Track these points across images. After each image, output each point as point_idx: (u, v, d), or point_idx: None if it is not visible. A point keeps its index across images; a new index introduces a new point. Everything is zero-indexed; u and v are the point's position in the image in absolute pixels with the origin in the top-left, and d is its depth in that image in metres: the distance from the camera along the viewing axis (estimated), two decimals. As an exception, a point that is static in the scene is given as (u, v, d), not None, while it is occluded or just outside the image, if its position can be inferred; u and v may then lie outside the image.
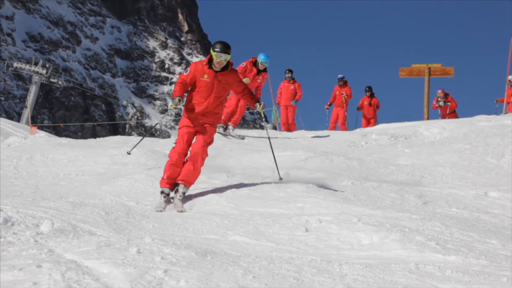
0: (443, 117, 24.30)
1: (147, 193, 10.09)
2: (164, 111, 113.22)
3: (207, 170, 11.93)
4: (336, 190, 10.51)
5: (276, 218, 8.57)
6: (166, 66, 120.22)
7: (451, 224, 8.26)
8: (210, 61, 9.76)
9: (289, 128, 22.42)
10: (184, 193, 9.69)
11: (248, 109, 18.39)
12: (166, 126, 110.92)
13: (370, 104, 24.21)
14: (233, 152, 15.15)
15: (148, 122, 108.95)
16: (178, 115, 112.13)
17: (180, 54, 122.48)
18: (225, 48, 9.55)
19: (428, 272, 5.94)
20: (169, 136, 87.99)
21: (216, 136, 17.80)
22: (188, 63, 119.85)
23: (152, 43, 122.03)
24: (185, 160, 9.87)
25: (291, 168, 12.74)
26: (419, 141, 16.48)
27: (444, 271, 5.96)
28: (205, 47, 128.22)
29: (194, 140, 9.98)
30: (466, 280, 5.65)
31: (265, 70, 18.02)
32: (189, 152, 9.88)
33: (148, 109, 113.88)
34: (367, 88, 24.60)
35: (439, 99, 24.56)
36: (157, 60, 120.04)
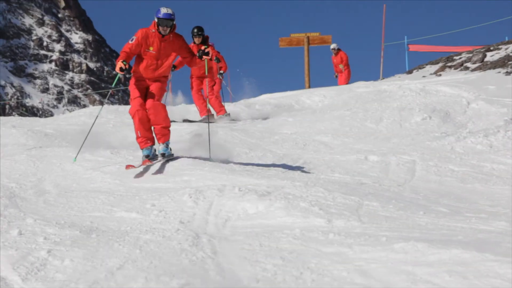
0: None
1: (28, 174, 9.83)
2: (45, 90, 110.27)
3: (91, 147, 11.74)
4: (221, 162, 10.58)
5: (163, 192, 8.55)
6: (45, 43, 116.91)
7: (334, 189, 8.46)
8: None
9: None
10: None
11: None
12: (48, 105, 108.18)
13: None
14: (117, 129, 14.96)
15: (29, 102, 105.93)
16: (60, 92, 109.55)
17: (59, 31, 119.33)
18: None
19: (312, 237, 6.07)
20: (51, 115, 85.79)
21: (96, 112, 17.50)
22: (67, 40, 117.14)
23: (28, 20, 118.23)
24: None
25: (177, 142, 12.71)
26: (301, 110, 16.74)
27: (327, 235, 6.12)
28: (85, 24, 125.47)
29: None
30: (348, 242, 5.81)
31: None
32: None
33: (28, 88, 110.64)
34: None
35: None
36: (34, 37, 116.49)
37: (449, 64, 22.73)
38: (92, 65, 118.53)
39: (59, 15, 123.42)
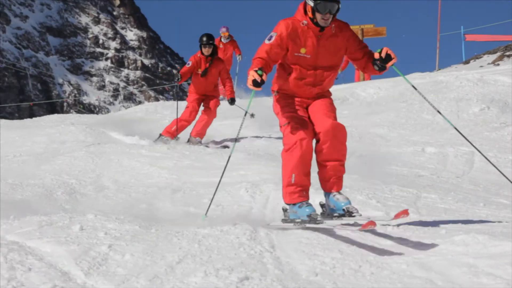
0: None
1: (87, 170, 9.98)
2: (101, 87, 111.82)
3: (148, 143, 11.87)
4: (277, 156, 10.57)
5: (219, 186, 8.58)
6: (100, 41, 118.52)
7: (391, 181, 8.40)
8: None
9: None
10: None
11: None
12: (105, 102, 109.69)
13: None
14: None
15: (86, 99, 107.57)
16: (116, 89, 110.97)
17: (114, 29, 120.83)
18: None
19: (370, 230, 6.04)
20: (108, 112, 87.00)
21: (151, 109, 17.65)
22: (122, 38, 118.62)
23: (84, 19, 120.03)
24: None
25: (232, 136, 12.77)
26: (356, 103, 16.64)
27: (385, 228, 6.07)
28: (139, 21, 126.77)
29: None
30: (407, 235, 5.77)
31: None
32: None
33: (85, 86, 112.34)
34: None
35: (222, 39, 20.89)
36: (90, 36, 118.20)
37: (507, 53, 22.34)
38: (147, 61, 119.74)
39: (114, 13, 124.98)
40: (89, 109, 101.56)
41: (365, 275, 4.81)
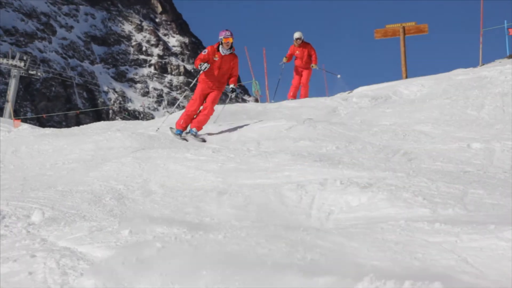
0: None
1: (135, 176, 10.10)
2: (145, 94, 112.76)
3: (193, 147, 11.96)
4: (322, 156, 10.58)
5: (265, 188, 8.63)
6: (144, 48, 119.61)
7: (437, 178, 8.33)
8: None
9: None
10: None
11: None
12: (149, 108, 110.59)
13: None
14: (216, 128, 15.17)
15: (130, 106, 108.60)
16: (159, 95, 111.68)
17: (157, 36, 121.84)
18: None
19: (418, 228, 6.01)
20: (152, 118, 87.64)
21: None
22: (165, 44, 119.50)
23: (128, 27, 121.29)
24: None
25: (276, 138, 12.79)
26: (399, 100, 16.54)
27: (433, 224, 6.04)
28: (181, 27, 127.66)
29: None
30: (455, 231, 5.73)
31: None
32: None
33: (129, 93, 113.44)
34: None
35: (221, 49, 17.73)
36: (134, 43, 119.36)
37: (553, 45, 21.97)
38: (189, 67, 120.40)
39: (157, 20, 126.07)
40: (134, 115, 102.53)
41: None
